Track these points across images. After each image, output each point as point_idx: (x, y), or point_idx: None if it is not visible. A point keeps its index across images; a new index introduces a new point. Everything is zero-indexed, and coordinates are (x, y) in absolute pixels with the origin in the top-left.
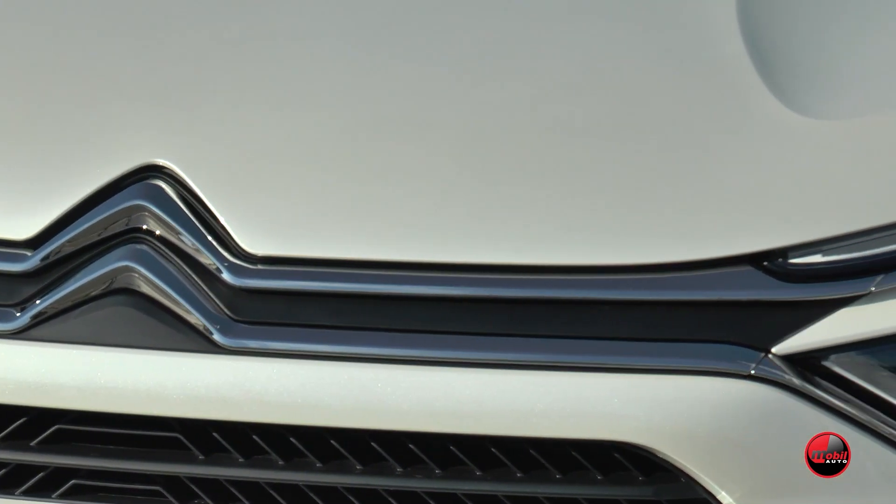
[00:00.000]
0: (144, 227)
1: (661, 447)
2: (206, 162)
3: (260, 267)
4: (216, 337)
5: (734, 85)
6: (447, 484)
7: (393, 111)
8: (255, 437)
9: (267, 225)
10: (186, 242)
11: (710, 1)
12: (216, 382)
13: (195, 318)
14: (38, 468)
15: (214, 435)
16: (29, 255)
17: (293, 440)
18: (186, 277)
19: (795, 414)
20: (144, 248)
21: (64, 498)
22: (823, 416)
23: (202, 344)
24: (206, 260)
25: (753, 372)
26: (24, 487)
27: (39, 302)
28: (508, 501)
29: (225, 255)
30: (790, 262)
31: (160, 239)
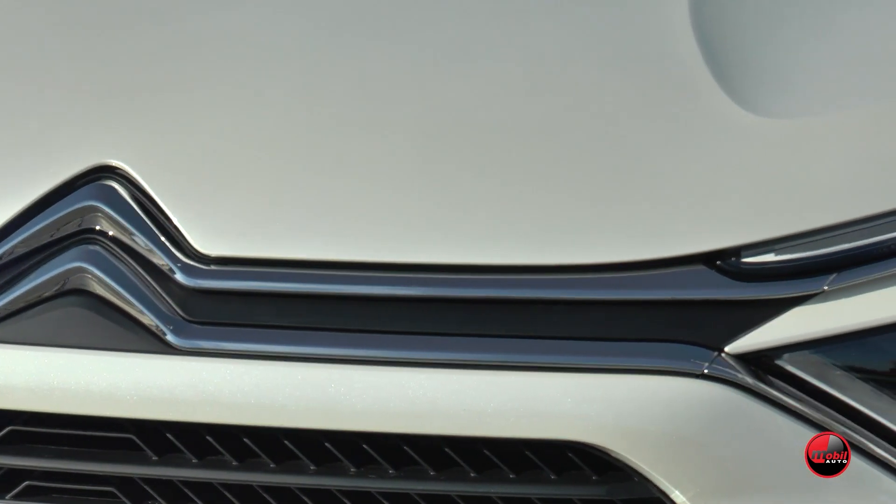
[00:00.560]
0: (97, 227)
1: (614, 446)
2: (159, 162)
3: (213, 267)
4: (169, 338)
5: (687, 84)
6: (401, 484)
7: (347, 110)
8: (208, 437)
9: (220, 225)
10: (139, 243)
11: (662, 1)
12: (170, 383)
13: (148, 318)
14: None
15: (168, 436)
16: None
17: (247, 441)
18: (139, 278)
19: (748, 413)
20: (97, 248)
21: (17, 499)
22: (776, 414)
23: (155, 345)
24: (159, 260)
25: (706, 371)
26: None
27: None
28: (463, 501)
29: (178, 255)
30: (743, 261)
31: (113, 240)
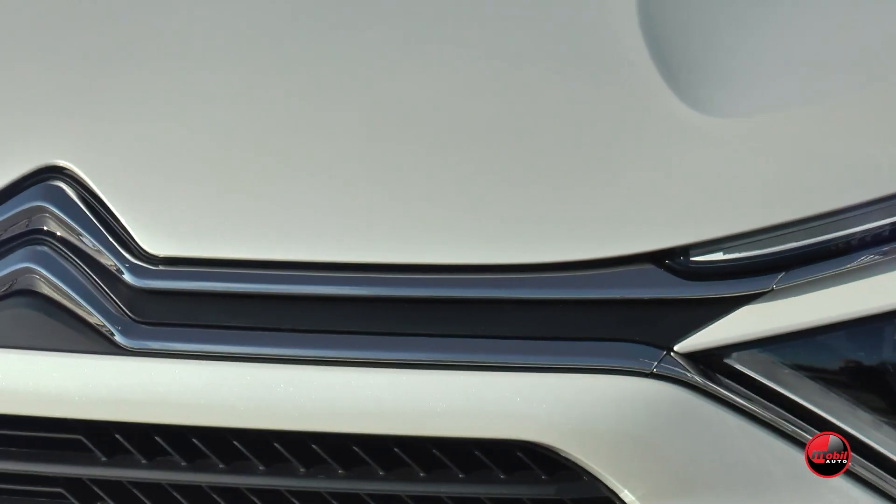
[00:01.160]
0: (45, 228)
1: (562, 446)
2: (106, 163)
3: (161, 268)
4: (118, 338)
5: (634, 84)
6: (350, 484)
7: (293, 111)
8: (157, 438)
9: (168, 225)
10: (87, 244)
11: (609, 1)
12: (118, 384)
13: (96, 319)
14: None
15: (117, 436)
16: None
17: (195, 441)
18: (87, 279)
19: (697, 411)
20: (45, 249)
21: None
22: (726, 413)
23: (104, 345)
24: (106, 261)
25: (655, 370)
26: None
27: None
28: (413, 502)
29: (126, 255)
30: (691, 259)
31: (61, 240)
